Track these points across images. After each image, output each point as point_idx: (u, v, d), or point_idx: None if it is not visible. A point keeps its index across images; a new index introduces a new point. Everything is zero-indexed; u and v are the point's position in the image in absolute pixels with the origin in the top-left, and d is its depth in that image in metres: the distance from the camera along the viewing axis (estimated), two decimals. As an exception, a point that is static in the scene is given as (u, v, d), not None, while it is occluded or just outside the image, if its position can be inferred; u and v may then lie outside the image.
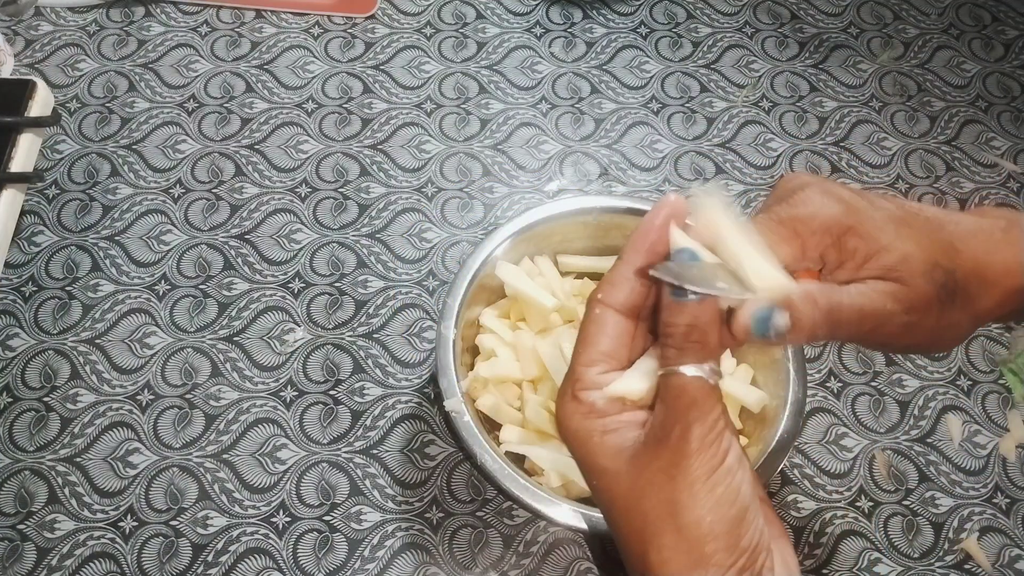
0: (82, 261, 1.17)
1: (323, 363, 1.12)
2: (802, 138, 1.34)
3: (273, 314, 1.15)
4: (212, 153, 1.26)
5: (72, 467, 1.04)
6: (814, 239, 0.68)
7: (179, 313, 1.14)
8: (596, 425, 0.66)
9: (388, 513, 1.03)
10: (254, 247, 1.19)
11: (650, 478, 0.63)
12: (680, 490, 0.62)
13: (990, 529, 1.07)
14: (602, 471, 0.66)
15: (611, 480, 0.65)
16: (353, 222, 1.21)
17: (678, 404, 0.64)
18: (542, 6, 1.45)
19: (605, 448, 0.65)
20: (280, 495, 1.04)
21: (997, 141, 1.35)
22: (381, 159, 1.27)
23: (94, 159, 1.24)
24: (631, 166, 1.29)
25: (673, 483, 0.62)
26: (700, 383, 0.64)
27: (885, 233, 0.67)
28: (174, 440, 1.06)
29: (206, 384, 1.10)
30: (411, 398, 1.10)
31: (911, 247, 0.67)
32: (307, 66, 1.35)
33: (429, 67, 1.37)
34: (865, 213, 0.67)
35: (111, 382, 1.09)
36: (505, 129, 1.31)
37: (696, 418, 0.63)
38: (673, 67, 1.40)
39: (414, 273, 1.18)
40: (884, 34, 1.46)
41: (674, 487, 0.62)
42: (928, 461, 1.10)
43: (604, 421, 0.66)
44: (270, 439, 1.07)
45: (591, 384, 0.67)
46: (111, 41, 1.36)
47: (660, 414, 0.64)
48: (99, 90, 1.31)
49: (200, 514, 1.02)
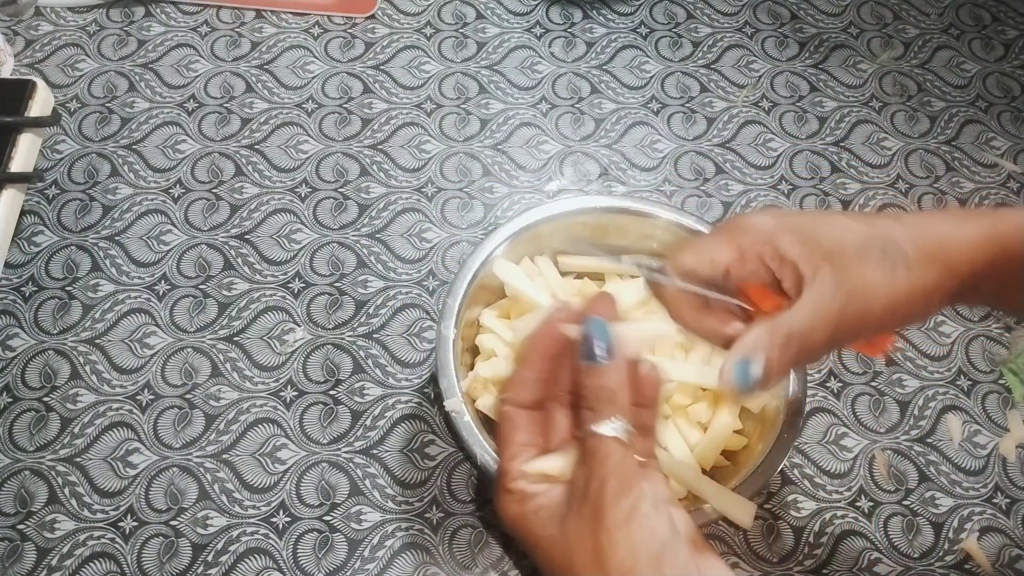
0: (82, 261, 1.17)
1: (323, 363, 1.12)
2: (802, 138, 1.34)
3: (273, 314, 1.15)
4: (212, 153, 1.26)
5: (72, 467, 1.04)
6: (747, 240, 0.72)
7: (179, 313, 1.14)
8: (528, 507, 0.75)
9: (388, 513, 1.03)
10: (254, 247, 1.19)
11: (577, 535, 0.70)
12: (601, 539, 0.68)
13: (990, 529, 1.07)
14: (537, 541, 0.74)
15: (547, 546, 0.73)
16: (353, 222, 1.22)
17: (594, 460, 0.71)
18: (542, 6, 1.45)
19: (539, 521, 0.74)
20: (280, 495, 1.04)
21: (997, 141, 1.35)
22: (381, 159, 1.27)
23: (94, 159, 1.24)
24: (631, 166, 1.29)
25: (595, 535, 0.69)
26: (614, 441, 0.71)
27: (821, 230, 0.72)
28: (174, 440, 1.06)
29: (206, 384, 1.10)
30: (411, 398, 1.10)
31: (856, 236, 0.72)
32: (307, 66, 1.36)
33: (429, 67, 1.37)
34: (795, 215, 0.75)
35: (111, 382, 1.09)
36: (505, 129, 1.31)
37: (610, 472, 0.70)
38: (673, 67, 1.40)
39: (414, 273, 1.18)
40: (884, 34, 1.46)
41: (596, 538, 0.69)
42: (928, 461, 1.10)
43: (535, 502, 0.74)
44: (270, 439, 1.07)
45: (518, 475, 0.76)
46: (111, 41, 1.36)
47: (580, 474, 0.72)
48: (99, 90, 1.31)
49: (200, 514, 1.02)
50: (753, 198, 1.27)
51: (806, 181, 1.29)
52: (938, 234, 0.72)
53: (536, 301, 1.01)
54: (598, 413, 0.72)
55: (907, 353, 1.17)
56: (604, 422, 0.71)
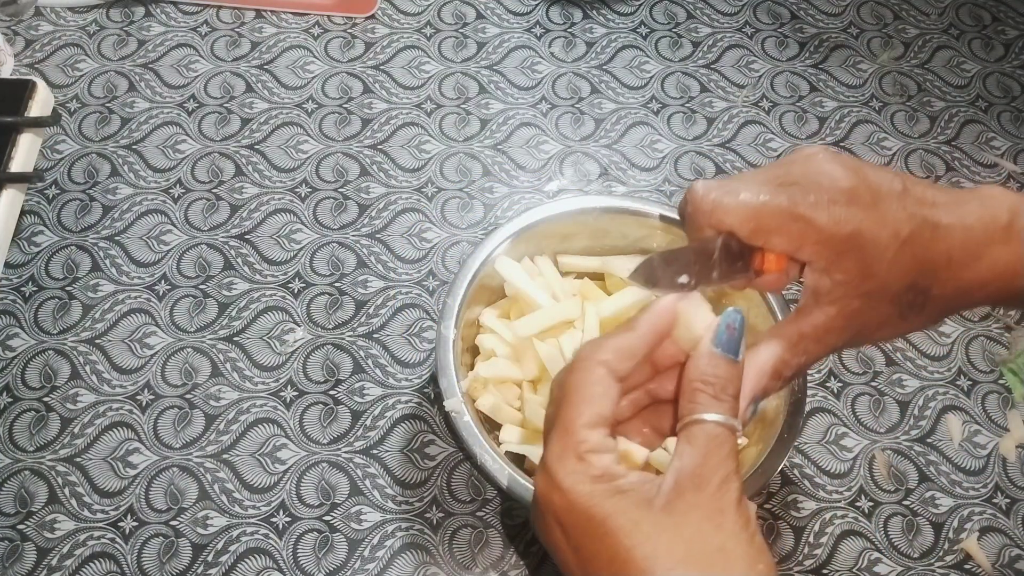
0: (82, 261, 1.17)
1: (323, 363, 1.12)
2: (802, 138, 1.34)
3: (273, 314, 1.15)
4: (212, 153, 1.26)
5: (72, 467, 1.04)
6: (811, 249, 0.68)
7: (179, 313, 1.14)
8: (610, 486, 0.64)
9: (388, 513, 1.03)
10: (254, 247, 1.19)
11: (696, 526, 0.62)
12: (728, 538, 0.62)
13: (990, 529, 1.07)
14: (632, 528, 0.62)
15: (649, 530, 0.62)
16: (353, 222, 1.22)
17: (720, 450, 0.64)
18: (542, 6, 1.45)
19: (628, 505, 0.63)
20: (280, 495, 1.04)
21: (997, 141, 1.35)
22: (381, 159, 1.27)
23: (94, 159, 1.24)
24: (631, 166, 1.29)
25: (721, 531, 0.62)
26: (733, 432, 0.65)
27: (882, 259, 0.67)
28: (174, 440, 1.06)
29: (206, 384, 1.10)
30: (411, 398, 1.10)
31: (897, 273, 0.68)
32: (307, 66, 1.36)
33: (429, 67, 1.37)
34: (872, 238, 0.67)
35: (111, 382, 1.09)
36: (505, 129, 1.31)
37: (735, 468, 0.63)
38: (673, 67, 1.40)
39: (414, 273, 1.18)
40: (884, 34, 1.46)
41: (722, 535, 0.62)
42: (928, 461, 1.10)
43: (618, 483, 0.64)
44: (270, 439, 1.07)
45: (599, 447, 0.65)
46: (111, 41, 1.36)
47: (691, 461, 0.64)
48: (99, 90, 1.31)
49: (200, 514, 1.02)
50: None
51: (806, 181, 1.29)
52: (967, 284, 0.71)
53: (536, 300, 1.01)
54: (720, 402, 0.66)
55: (907, 353, 1.17)
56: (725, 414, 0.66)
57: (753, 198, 0.68)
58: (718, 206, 0.68)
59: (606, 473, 0.64)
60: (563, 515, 0.65)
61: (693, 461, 0.63)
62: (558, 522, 0.65)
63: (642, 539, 0.61)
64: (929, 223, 0.68)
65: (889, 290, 0.68)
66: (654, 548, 0.61)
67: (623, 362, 0.68)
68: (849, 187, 0.67)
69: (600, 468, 0.64)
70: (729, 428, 0.64)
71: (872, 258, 0.67)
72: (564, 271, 1.10)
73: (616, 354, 0.68)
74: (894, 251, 0.67)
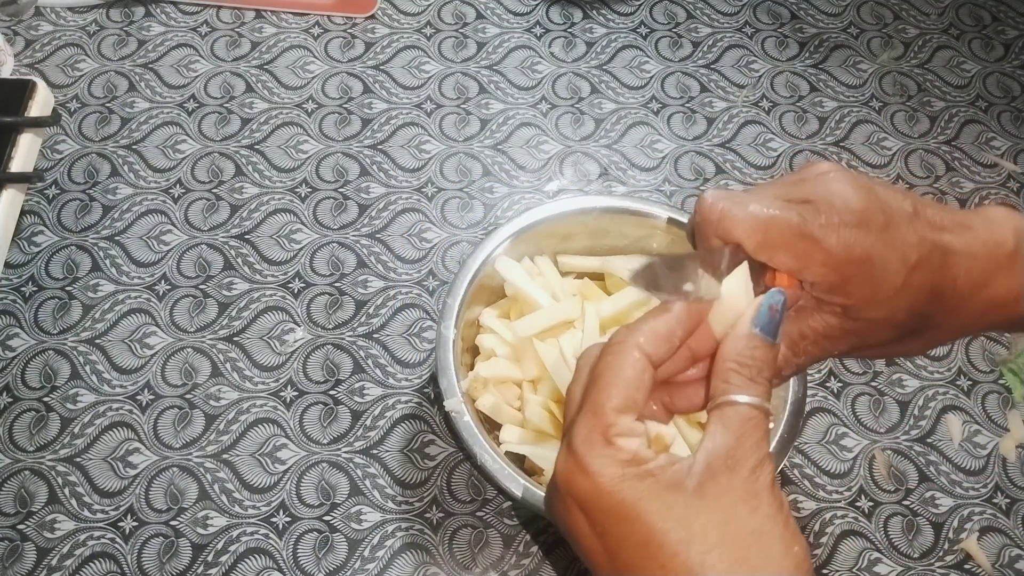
0: (82, 261, 1.17)
1: (323, 363, 1.12)
2: (802, 138, 1.34)
3: (273, 314, 1.15)
4: (212, 153, 1.26)
5: (72, 467, 1.04)
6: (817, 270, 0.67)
7: (179, 313, 1.14)
8: (641, 470, 0.62)
9: (388, 513, 1.03)
10: (254, 247, 1.19)
11: (731, 509, 0.61)
12: (763, 520, 0.61)
13: (990, 529, 1.07)
14: (664, 511, 0.61)
15: (682, 513, 0.61)
16: (353, 222, 1.22)
17: (755, 432, 0.63)
18: (542, 6, 1.45)
19: (659, 488, 0.61)
20: (280, 495, 1.04)
21: (997, 141, 1.35)
22: (381, 159, 1.27)
23: (94, 159, 1.24)
24: (631, 166, 1.29)
25: (756, 514, 0.61)
26: (767, 416, 0.63)
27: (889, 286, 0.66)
28: (174, 440, 1.06)
29: (206, 384, 1.10)
30: (411, 398, 1.10)
31: (904, 301, 0.67)
32: (307, 66, 1.36)
33: (429, 67, 1.37)
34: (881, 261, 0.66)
35: (111, 382, 1.09)
36: (505, 129, 1.31)
37: (768, 451, 0.62)
38: (673, 67, 1.40)
39: (414, 273, 1.18)
40: (884, 34, 1.46)
41: (758, 518, 0.61)
42: (928, 461, 1.10)
43: (648, 466, 0.62)
44: (270, 439, 1.07)
45: (627, 430, 0.63)
46: (111, 41, 1.36)
47: (724, 442, 0.62)
48: (99, 90, 1.31)
49: (200, 514, 1.02)
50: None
51: (806, 181, 1.29)
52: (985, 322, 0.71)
53: (536, 300, 1.01)
54: (755, 384, 0.64)
55: (907, 353, 1.18)
56: (759, 397, 0.64)
57: (762, 211, 0.66)
58: (726, 216, 0.67)
59: (635, 457, 0.62)
60: (589, 499, 0.63)
61: (726, 443, 0.62)
62: (581, 507, 0.63)
63: (675, 522, 0.60)
64: (939, 249, 0.68)
65: (893, 317, 0.68)
66: (688, 531, 0.60)
67: (660, 347, 0.66)
68: (861, 209, 0.66)
69: (629, 452, 0.62)
70: (763, 411, 0.63)
71: (879, 284, 0.66)
72: (564, 271, 1.10)
73: (652, 338, 0.66)
74: (902, 278, 0.66)
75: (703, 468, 0.61)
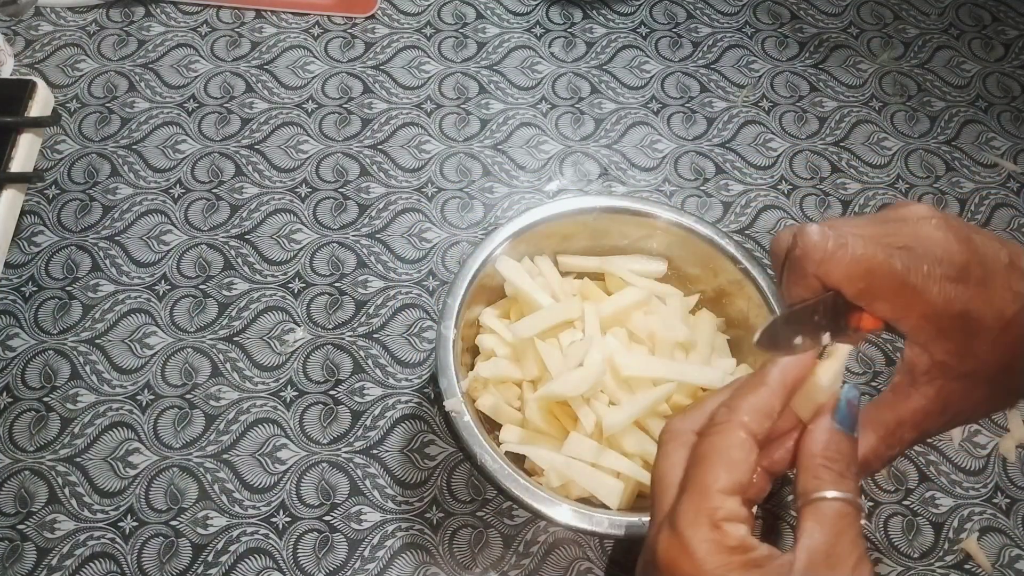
0: (82, 261, 1.17)
1: (323, 363, 1.12)
2: (802, 138, 1.34)
3: (273, 314, 1.15)
4: (212, 153, 1.26)
5: (72, 467, 1.04)
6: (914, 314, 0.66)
7: (179, 313, 1.14)
8: (747, 559, 0.61)
9: (388, 513, 1.04)
10: (254, 247, 1.19)
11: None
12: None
13: (990, 529, 1.07)
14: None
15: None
16: (353, 222, 1.22)
17: (851, 530, 0.62)
18: (542, 6, 1.45)
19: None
20: (280, 495, 1.04)
21: (997, 141, 1.35)
22: (381, 159, 1.27)
23: (94, 159, 1.25)
24: (631, 166, 1.29)
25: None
26: (860, 512, 0.63)
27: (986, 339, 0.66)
28: (174, 440, 1.06)
29: (206, 384, 1.10)
30: (411, 398, 1.11)
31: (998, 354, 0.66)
32: (307, 66, 1.36)
33: (429, 67, 1.37)
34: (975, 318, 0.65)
35: (111, 382, 1.09)
36: (505, 129, 1.31)
37: (865, 549, 0.61)
38: (673, 67, 1.40)
39: (414, 273, 1.18)
40: (884, 34, 1.46)
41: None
42: (928, 461, 1.10)
43: (753, 555, 0.61)
44: (270, 439, 1.07)
45: (735, 516, 0.62)
46: (111, 41, 1.36)
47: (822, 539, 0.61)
48: (99, 90, 1.31)
49: (200, 514, 1.02)
50: (753, 198, 1.27)
51: (806, 181, 1.29)
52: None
53: (536, 300, 1.01)
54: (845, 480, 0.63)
55: (907, 353, 1.17)
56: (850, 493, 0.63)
57: (867, 257, 0.65)
58: (831, 257, 0.65)
59: (741, 544, 0.61)
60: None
61: (825, 540, 0.61)
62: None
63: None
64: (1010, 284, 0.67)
65: (988, 372, 0.67)
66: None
67: (762, 423, 0.65)
68: (962, 263, 0.65)
69: (736, 539, 0.61)
70: (856, 507, 0.62)
71: (975, 338, 0.66)
72: (564, 271, 1.10)
73: (755, 415, 0.65)
74: (997, 332, 0.66)
75: (804, 565, 0.60)
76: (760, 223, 1.26)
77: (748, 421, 0.64)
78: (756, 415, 0.65)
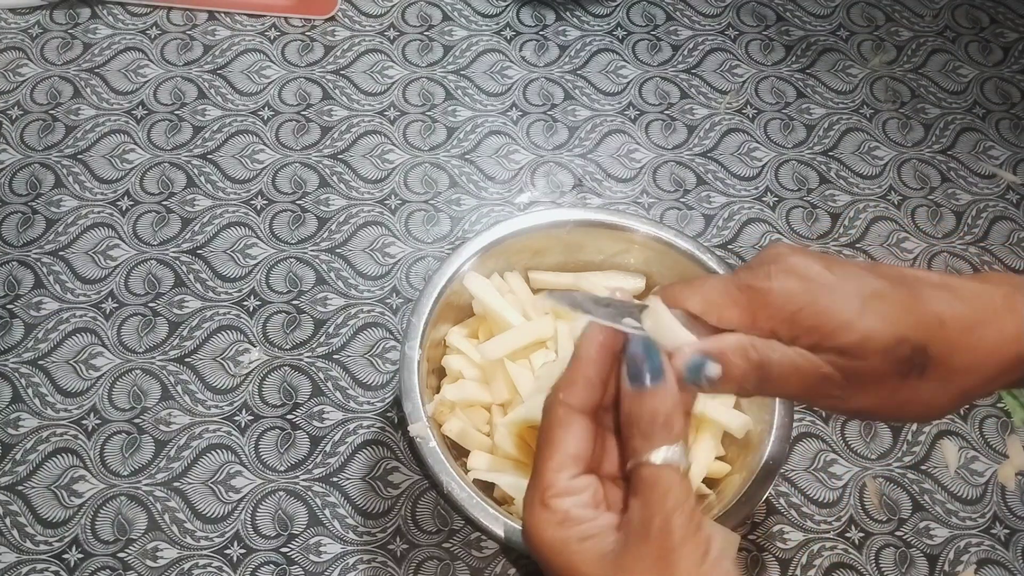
0: (24, 277, 1.17)
1: (280, 386, 1.13)
2: (788, 147, 1.35)
3: (227, 334, 1.15)
4: (162, 163, 1.27)
5: (13, 496, 1.04)
6: (764, 312, 0.68)
7: (127, 333, 1.15)
8: (573, 533, 0.66)
9: (349, 544, 1.04)
10: (207, 263, 1.19)
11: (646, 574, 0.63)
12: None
13: (988, 561, 1.08)
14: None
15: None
16: (312, 236, 1.22)
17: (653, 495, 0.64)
18: (512, 8, 1.46)
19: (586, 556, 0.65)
20: (234, 525, 1.04)
21: (995, 150, 1.36)
22: (342, 169, 1.28)
23: (37, 169, 1.25)
24: (607, 177, 1.30)
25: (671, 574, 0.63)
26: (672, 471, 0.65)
27: (848, 309, 0.67)
28: (122, 467, 1.07)
29: (156, 408, 1.10)
30: (373, 423, 1.11)
31: (875, 323, 0.67)
32: (263, 71, 1.36)
33: (392, 72, 1.38)
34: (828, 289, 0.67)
35: (55, 406, 1.10)
36: (473, 138, 1.32)
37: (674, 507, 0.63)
38: (651, 72, 1.41)
39: (376, 290, 1.19)
40: (875, 37, 1.48)
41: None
42: (922, 489, 1.11)
43: (580, 528, 0.65)
44: (224, 466, 1.07)
45: (563, 491, 0.67)
46: (55, 44, 1.36)
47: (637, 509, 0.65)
48: (42, 96, 1.31)
49: (149, 546, 1.03)
50: (736, 211, 1.28)
51: (792, 193, 1.30)
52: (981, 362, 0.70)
53: (506, 319, 1.02)
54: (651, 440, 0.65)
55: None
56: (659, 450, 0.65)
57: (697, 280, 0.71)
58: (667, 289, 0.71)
59: (567, 519, 0.66)
60: (539, 560, 0.67)
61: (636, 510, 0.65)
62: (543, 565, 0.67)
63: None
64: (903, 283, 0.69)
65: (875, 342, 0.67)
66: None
67: (576, 394, 0.69)
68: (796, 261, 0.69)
69: (561, 512, 0.66)
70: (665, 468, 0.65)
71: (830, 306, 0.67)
72: (536, 288, 1.10)
73: (570, 389, 0.69)
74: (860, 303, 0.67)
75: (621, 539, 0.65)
76: (744, 237, 1.27)
77: (564, 397, 0.69)
78: (571, 388, 0.69)
